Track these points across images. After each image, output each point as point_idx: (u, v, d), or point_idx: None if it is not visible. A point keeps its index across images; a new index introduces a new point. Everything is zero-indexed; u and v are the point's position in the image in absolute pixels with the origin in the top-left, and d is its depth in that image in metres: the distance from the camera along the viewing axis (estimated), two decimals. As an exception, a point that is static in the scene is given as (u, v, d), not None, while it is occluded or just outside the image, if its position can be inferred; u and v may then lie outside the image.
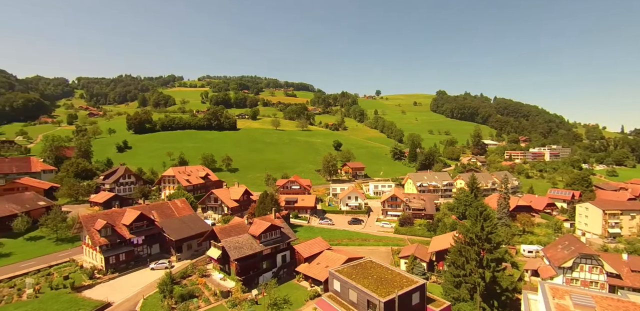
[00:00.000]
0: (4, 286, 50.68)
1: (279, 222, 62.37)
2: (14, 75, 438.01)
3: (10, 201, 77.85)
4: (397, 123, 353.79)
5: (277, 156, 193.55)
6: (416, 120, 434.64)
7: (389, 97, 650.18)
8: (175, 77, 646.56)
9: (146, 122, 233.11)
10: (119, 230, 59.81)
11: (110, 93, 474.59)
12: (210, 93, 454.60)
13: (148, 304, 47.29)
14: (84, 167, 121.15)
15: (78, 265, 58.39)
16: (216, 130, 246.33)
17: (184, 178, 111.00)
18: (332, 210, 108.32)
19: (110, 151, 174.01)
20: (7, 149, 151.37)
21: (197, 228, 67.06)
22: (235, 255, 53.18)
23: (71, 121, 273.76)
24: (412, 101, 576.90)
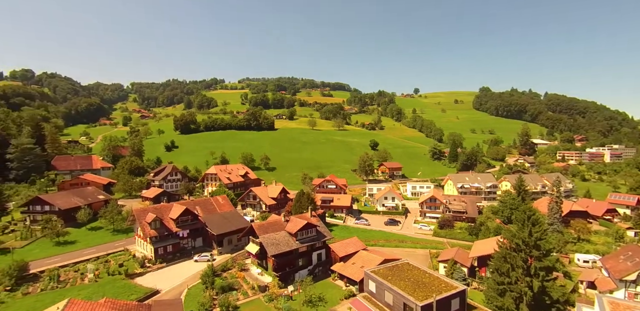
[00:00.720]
0: (69, 270, 56.56)
1: (315, 221, 63.10)
2: (78, 82, 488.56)
3: (75, 194, 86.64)
4: (437, 122, 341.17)
5: (313, 155, 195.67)
6: (457, 119, 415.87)
7: (428, 95, 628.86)
8: (217, 80, 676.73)
9: (191, 123, 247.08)
10: (167, 223, 64.16)
11: (159, 96, 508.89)
12: (250, 95, 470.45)
13: (192, 293, 50.22)
14: (136, 164, 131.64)
15: (131, 254, 63.59)
16: (255, 130, 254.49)
17: (225, 176, 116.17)
18: (368, 210, 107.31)
19: (159, 150, 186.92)
20: (72, 148, 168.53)
21: (237, 224, 69.93)
22: (272, 251, 54.74)
23: (126, 123, 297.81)
24: (452, 99, 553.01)
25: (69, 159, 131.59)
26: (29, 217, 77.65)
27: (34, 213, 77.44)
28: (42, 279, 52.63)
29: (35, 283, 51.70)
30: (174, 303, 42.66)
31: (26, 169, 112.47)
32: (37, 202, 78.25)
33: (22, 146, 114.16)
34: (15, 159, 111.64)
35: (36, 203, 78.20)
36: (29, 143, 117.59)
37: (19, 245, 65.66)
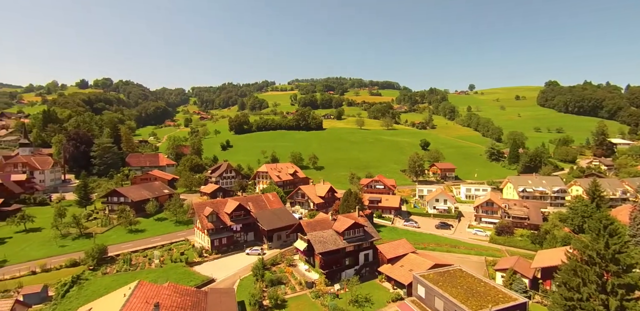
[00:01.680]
0: (139, 255, 63.21)
1: (362, 221, 62.76)
2: (147, 88, 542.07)
3: (145, 188, 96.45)
4: (495, 120, 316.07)
5: (361, 155, 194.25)
6: (519, 116, 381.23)
7: (485, 92, 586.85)
8: (268, 82, 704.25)
9: (244, 123, 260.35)
10: (222, 217, 68.53)
11: (216, 99, 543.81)
12: (299, 96, 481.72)
13: (243, 284, 53.06)
14: (196, 162, 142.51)
15: (191, 244, 69.11)
16: (304, 130, 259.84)
17: (275, 174, 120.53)
18: (417, 212, 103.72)
19: (216, 149, 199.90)
20: (143, 147, 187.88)
21: (286, 221, 72.27)
22: (319, 248, 55.62)
23: (187, 124, 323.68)
24: (513, 95, 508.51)
25: (140, 157, 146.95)
26: (108, 207, 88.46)
27: (111, 204, 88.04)
28: (118, 262, 59.60)
29: (112, 265, 58.72)
30: (228, 292, 45.57)
31: (106, 165, 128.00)
32: (114, 194, 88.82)
33: (103, 145, 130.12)
34: (98, 156, 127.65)
35: (113, 195, 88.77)
36: (108, 143, 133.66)
37: (100, 231, 75.06)
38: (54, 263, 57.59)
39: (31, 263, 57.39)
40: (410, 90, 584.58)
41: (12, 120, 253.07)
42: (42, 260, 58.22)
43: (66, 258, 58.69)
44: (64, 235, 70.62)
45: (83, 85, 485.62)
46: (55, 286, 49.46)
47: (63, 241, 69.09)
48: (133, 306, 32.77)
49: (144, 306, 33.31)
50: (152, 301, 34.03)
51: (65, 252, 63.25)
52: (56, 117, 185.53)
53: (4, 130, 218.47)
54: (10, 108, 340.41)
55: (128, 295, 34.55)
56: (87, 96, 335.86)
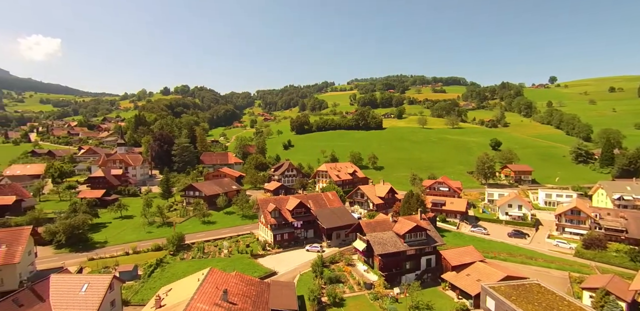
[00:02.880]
0: (211, 245, 69.08)
1: (425, 224, 60.14)
2: (218, 93, 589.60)
3: (216, 184, 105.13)
4: (582, 116, 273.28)
5: (423, 155, 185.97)
6: (613, 111, 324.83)
7: (570, 84, 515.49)
8: (328, 83, 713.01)
9: (305, 124, 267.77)
10: (284, 213, 71.50)
11: (278, 101, 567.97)
12: (358, 95, 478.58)
13: (303, 280, 54.59)
14: (260, 161, 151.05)
15: (255, 237, 73.41)
16: (363, 129, 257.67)
17: (334, 174, 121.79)
18: (486, 218, 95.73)
19: (278, 148, 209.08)
20: (214, 146, 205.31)
21: (345, 220, 72.57)
22: (379, 250, 54.73)
23: (252, 125, 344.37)
24: (606, 86, 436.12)
25: (212, 155, 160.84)
26: (185, 200, 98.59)
27: (188, 197, 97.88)
28: (193, 249, 65.92)
29: (188, 251, 65.17)
30: (289, 285, 47.37)
31: (184, 162, 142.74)
32: (190, 188, 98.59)
33: (181, 144, 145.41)
34: (177, 155, 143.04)
35: (190, 189, 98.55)
36: (186, 143, 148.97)
37: (179, 221, 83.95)
38: (143, 246, 66.08)
39: (125, 245, 66.73)
40: (479, 86, 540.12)
41: (112, 123, 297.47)
42: (133, 243, 67.25)
43: (152, 243, 66.97)
44: (150, 223, 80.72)
45: (166, 92, 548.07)
46: (143, 267, 56.82)
47: (149, 228, 78.97)
48: (205, 290, 35.96)
49: (215, 291, 36.33)
50: (221, 287, 36.98)
51: (151, 238, 72.15)
52: (145, 121, 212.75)
53: (105, 132, 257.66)
54: (110, 114, 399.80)
55: (201, 279, 38.03)
56: (169, 101, 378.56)
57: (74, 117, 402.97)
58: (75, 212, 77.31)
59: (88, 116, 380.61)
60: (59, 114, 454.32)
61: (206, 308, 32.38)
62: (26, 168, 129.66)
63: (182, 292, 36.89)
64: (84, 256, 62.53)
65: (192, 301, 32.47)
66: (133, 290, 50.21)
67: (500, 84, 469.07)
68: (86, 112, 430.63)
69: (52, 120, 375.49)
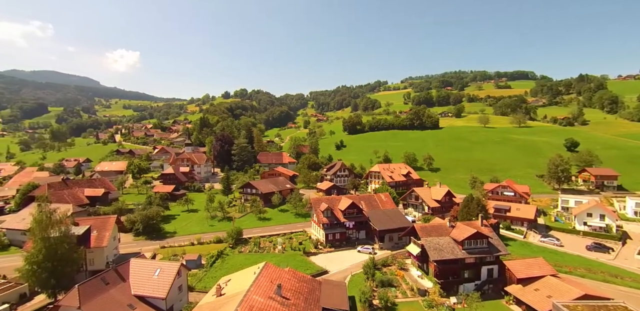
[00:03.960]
0: (266, 240, 72.24)
1: (486, 231, 55.93)
2: (273, 95, 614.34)
3: (271, 183, 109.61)
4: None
5: (484, 156, 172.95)
6: None
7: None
8: (381, 82, 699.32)
9: (357, 124, 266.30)
10: (336, 213, 71.93)
11: (331, 102, 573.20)
12: (412, 94, 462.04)
13: (354, 280, 54.28)
14: (313, 161, 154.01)
15: (308, 235, 74.96)
16: (418, 129, 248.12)
17: (387, 175, 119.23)
18: (560, 228, 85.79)
19: (330, 149, 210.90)
20: (269, 147, 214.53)
21: (398, 222, 70.61)
22: (434, 256, 52.25)
23: (306, 126, 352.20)
24: None
25: (268, 155, 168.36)
26: (243, 197, 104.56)
27: (246, 194, 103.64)
28: (249, 243, 69.59)
29: (245, 245, 68.94)
30: (340, 285, 47.48)
31: (242, 161, 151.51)
32: (248, 186, 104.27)
33: (240, 145, 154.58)
34: (236, 154, 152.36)
35: (247, 187, 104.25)
36: (244, 143, 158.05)
37: (237, 216, 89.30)
38: (206, 238, 71.58)
39: (191, 236, 72.91)
40: (550, 79, 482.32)
41: (180, 125, 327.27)
42: (198, 235, 73.23)
43: (214, 236, 72.21)
44: (212, 217, 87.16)
45: (226, 96, 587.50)
46: (206, 257, 61.54)
47: (212, 221, 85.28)
48: (261, 283, 37.73)
49: (269, 285, 37.93)
50: (275, 281, 38.48)
51: (213, 230, 77.79)
52: (208, 123, 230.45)
53: (175, 133, 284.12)
54: (179, 117, 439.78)
55: (257, 273, 39.98)
56: (229, 105, 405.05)
57: (150, 120, 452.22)
58: (150, 204, 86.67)
59: (161, 119, 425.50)
60: (138, 118, 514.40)
61: (261, 300, 33.95)
62: (112, 165, 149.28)
63: (239, 283, 39.17)
64: (156, 244, 69.83)
65: (248, 293, 34.28)
66: (197, 278, 54.66)
67: (578, 77, 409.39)
68: (159, 116, 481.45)
69: (133, 123, 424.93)
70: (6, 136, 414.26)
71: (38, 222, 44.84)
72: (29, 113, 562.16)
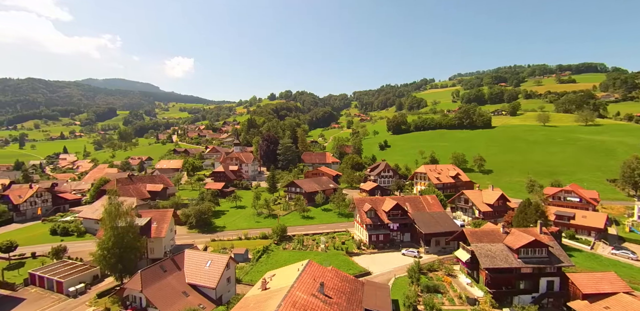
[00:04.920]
0: (309, 238, 73.22)
1: (546, 239, 51.26)
2: (317, 96, 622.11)
3: (315, 182, 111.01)
4: None
5: (544, 158, 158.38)
6: None
7: None
8: (427, 80, 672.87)
9: (402, 123, 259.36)
10: (380, 214, 70.71)
11: (374, 101, 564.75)
12: (462, 92, 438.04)
13: (398, 283, 52.93)
14: (356, 161, 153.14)
15: (350, 235, 74.64)
16: (468, 128, 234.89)
17: (434, 176, 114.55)
18: (636, 239, 75.63)
19: (374, 149, 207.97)
20: (313, 147, 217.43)
21: (446, 226, 67.51)
22: (485, 263, 49.06)
23: (349, 126, 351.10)
24: None
25: (311, 155, 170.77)
26: (287, 195, 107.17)
27: (290, 193, 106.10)
28: (293, 241, 71.02)
29: (289, 242, 70.53)
30: (383, 287, 46.60)
31: (287, 161, 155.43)
32: (292, 185, 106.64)
33: (285, 145, 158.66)
34: (282, 154, 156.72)
35: (292, 185, 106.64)
36: (289, 143, 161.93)
37: (282, 214, 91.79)
38: (252, 234, 74.60)
39: (238, 231, 76.45)
40: (625, 71, 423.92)
41: (230, 126, 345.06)
42: (245, 230, 76.56)
43: (260, 232, 75.01)
44: (258, 214, 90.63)
45: (272, 98, 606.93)
46: (253, 252, 64.13)
47: (258, 218, 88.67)
48: (304, 280, 38.37)
49: (312, 282, 38.42)
50: (318, 279, 38.89)
51: (259, 227, 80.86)
52: (255, 123, 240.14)
53: (225, 134, 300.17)
54: (229, 118, 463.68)
55: (301, 270, 40.73)
56: (274, 106, 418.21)
57: (203, 121, 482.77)
58: (202, 200, 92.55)
59: (212, 120, 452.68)
60: (192, 120, 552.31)
61: (304, 297, 34.53)
62: (170, 163, 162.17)
63: (283, 279, 40.24)
64: (208, 237, 74.37)
65: (292, 288, 35.06)
66: (244, 271, 57.21)
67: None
68: (211, 117, 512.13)
69: (187, 125, 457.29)
70: (83, 137, 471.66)
71: (108, 213, 50.27)
72: (101, 117, 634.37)
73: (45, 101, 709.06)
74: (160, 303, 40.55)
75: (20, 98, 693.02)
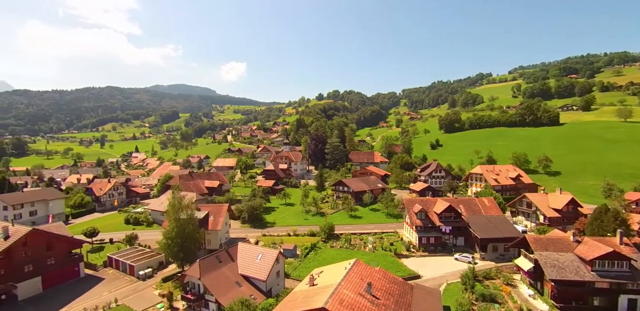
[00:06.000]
0: (356, 238, 72.68)
1: (627, 251, 45.07)
2: (365, 95, 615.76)
3: (362, 181, 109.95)
4: None
5: (625, 159, 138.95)
6: None
7: None
8: (483, 75, 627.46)
9: (455, 121, 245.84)
10: (431, 216, 67.87)
11: (425, 99, 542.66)
12: (523, 86, 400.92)
13: (450, 289, 50.31)
14: (406, 160, 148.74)
15: (399, 237, 72.62)
16: (531, 126, 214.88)
17: (491, 177, 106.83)
18: None
19: (425, 148, 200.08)
20: (361, 146, 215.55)
21: (505, 232, 62.61)
22: (552, 274, 44.57)
23: (398, 124, 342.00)
24: None
25: (359, 154, 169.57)
26: (335, 194, 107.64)
27: (338, 192, 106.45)
28: (341, 239, 71.13)
29: (337, 241, 70.71)
30: (433, 292, 44.60)
31: (334, 160, 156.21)
32: (340, 183, 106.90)
33: (333, 144, 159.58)
34: (329, 153, 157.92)
35: (339, 184, 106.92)
36: (337, 142, 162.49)
37: (330, 212, 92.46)
38: (300, 230, 76.26)
39: (287, 228, 78.66)
40: None
41: (279, 127, 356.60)
42: (294, 227, 78.55)
43: (307, 229, 76.41)
44: (306, 211, 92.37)
45: (320, 98, 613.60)
46: (301, 248, 65.58)
47: (306, 215, 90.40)
48: (351, 279, 38.25)
49: (360, 282, 38.14)
50: (365, 279, 38.48)
51: (307, 224, 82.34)
52: (304, 123, 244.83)
53: (275, 134, 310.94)
54: (279, 119, 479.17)
55: (348, 268, 40.63)
56: (322, 106, 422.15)
57: (254, 122, 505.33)
58: (254, 197, 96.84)
59: (263, 121, 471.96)
60: (245, 120, 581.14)
61: (351, 295, 34.44)
62: (225, 161, 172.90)
63: (331, 276, 40.53)
64: (259, 232, 77.71)
65: (339, 286, 35.17)
66: (292, 266, 58.78)
67: None
68: (262, 118, 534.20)
69: (240, 125, 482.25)
70: (151, 137, 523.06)
71: (172, 206, 55.11)
72: (166, 119, 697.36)
73: (120, 106, 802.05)
74: (216, 290, 43.38)
75: (101, 104, 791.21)
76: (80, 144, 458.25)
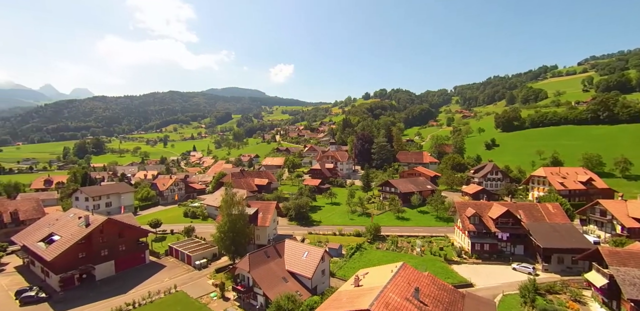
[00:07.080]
0: (404, 240, 70.70)
1: None
2: (413, 93, 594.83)
3: (410, 182, 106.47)
4: None
5: None
6: None
7: None
8: (547, 68, 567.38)
9: (514, 119, 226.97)
10: (486, 221, 63.50)
11: (479, 95, 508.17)
12: (596, 78, 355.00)
13: (506, 301, 46.73)
14: (458, 161, 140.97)
15: (450, 242, 69.08)
16: (606, 123, 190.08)
17: (557, 181, 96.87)
18: None
19: (479, 148, 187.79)
20: (409, 146, 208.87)
21: (572, 242, 56.33)
22: (631, 293, 39.18)
23: (449, 123, 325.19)
24: None
25: (407, 154, 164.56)
26: (382, 194, 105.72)
27: (385, 192, 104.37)
28: (387, 241, 69.69)
29: (383, 242, 69.42)
30: (488, 303, 41.63)
31: (381, 160, 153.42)
32: (387, 184, 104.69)
33: (379, 144, 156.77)
34: (376, 153, 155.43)
35: (386, 185, 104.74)
36: (384, 142, 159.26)
37: (376, 213, 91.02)
38: (346, 230, 76.20)
39: (333, 227, 79.10)
40: None
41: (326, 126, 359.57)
42: (339, 226, 78.72)
43: (353, 229, 76.09)
44: (352, 211, 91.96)
45: (366, 97, 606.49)
46: (346, 248, 65.49)
47: (351, 215, 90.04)
48: (397, 282, 37.24)
49: (406, 286, 36.97)
50: (413, 284, 37.17)
51: (353, 224, 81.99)
52: (350, 123, 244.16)
53: (322, 133, 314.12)
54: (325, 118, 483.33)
55: (394, 272, 39.62)
56: (369, 105, 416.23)
57: (301, 122, 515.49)
58: (301, 195, 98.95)
59: (310, 121, 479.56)
60: (292, 121, 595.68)
61: (398, 299, 33.54)
62: (273, 160, 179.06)
63: (376, 278, 39.88)
64: (305, 230, 79.21)
65: (385, 289, 34.45)
66: (337, 266, 58.91)
67: None
68: (309, 118, 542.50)
69: (288, 126, 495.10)
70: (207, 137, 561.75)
71: (225, 202, 58.51)
72: (220, 120, 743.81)
73: (180, 109, 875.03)
74: (264, 284, 45.15)
75: (164, 107, 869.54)
76: (146, 144, 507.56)
